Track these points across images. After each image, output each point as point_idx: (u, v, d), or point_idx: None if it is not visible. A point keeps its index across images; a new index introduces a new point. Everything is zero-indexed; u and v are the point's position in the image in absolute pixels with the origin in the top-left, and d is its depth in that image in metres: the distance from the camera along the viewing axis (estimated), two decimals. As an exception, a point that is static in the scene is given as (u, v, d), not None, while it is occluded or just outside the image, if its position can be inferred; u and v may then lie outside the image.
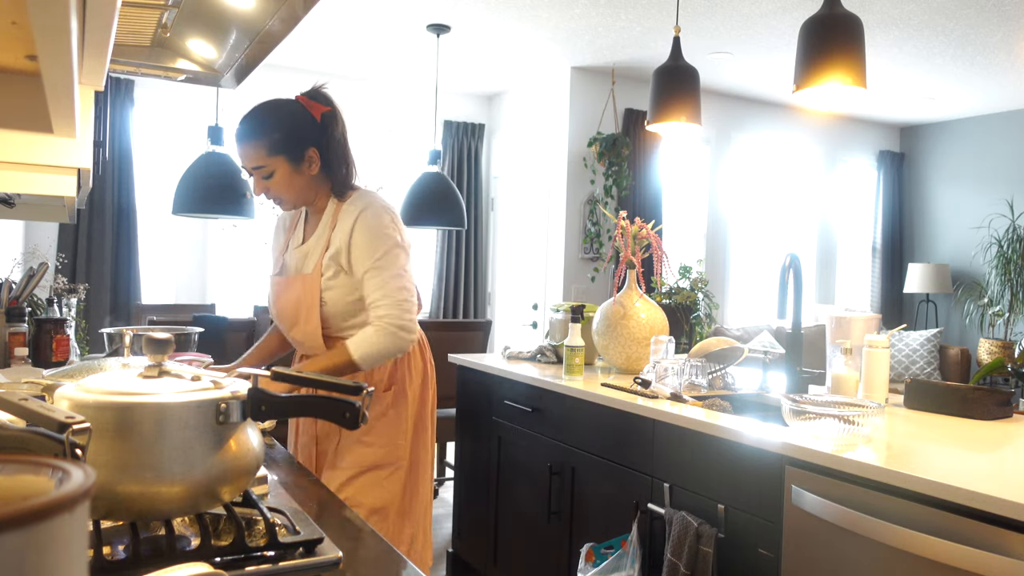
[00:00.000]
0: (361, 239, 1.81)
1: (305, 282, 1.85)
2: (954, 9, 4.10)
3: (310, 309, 1.84)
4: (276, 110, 1.80)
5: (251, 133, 1.78)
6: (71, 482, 0.42)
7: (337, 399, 0.98)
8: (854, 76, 2.23)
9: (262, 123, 1.78)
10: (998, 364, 2.63)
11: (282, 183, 1.80)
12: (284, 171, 1.79)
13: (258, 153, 1.76)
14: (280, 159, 1.78)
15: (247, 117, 1.80)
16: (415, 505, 1.95)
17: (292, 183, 1.81)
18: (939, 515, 1.41)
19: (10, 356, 2.22)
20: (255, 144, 1.76)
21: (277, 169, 1.78)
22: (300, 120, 1.80)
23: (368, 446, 1.87)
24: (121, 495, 0.85)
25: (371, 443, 1.87)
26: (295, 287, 1.87)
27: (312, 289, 1.83)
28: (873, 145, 7.05)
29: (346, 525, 1.15)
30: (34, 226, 4.68)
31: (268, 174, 1.78)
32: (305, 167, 1.81)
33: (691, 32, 4.50)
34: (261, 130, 1.77)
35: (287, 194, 1.83)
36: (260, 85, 5.22)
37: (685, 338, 3.14)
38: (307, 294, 1.84)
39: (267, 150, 1.76)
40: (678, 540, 1.94)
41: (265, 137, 1.76)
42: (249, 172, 1.81)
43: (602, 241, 5.37)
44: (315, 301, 1.83)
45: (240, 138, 1.79)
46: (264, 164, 1.77)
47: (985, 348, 5.90)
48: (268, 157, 1.76)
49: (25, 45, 0.91)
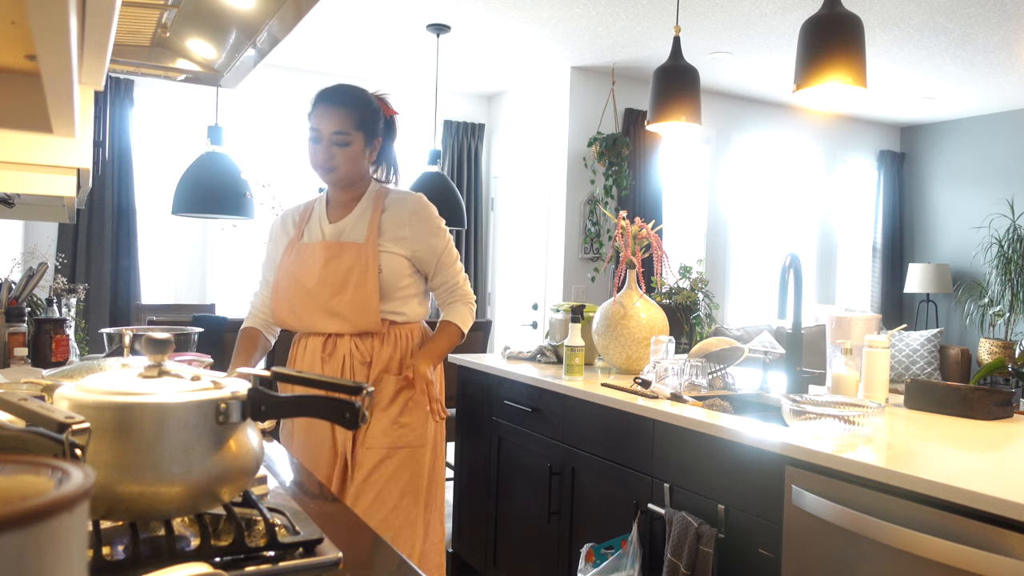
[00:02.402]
0: (426, 228, 1.96)
1: (360, 249, 1.89)
2: (954, 9, 4.10)
3: (365, 274, 1.87)
4: (366, 94, 1.96)
5: (348, 101, 1.89)
6: (71, 482, 0.42)
7: (337, 399, 0.98)
8: (854, 76, 2.23)
9: (357, 97, 1.92)
10: (998, 364, 2.63)
11: (351, 156, 1.89)
12: (358, 147, 1.90)
13: (347, 120, 1.87)
14: (360, 135, 1.90)
15: (343, 87, 1.93)
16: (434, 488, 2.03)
17: (357, 160, 1.91)
18: (939, 515, 1.41)
19: (10, 356, 2.22)
20: (347, 111, 1.87)
21: (354, 142, 1.89)
22: (379, 113, 1.98)
23: (403, 427, 1.93)
24: (121, 495, 0.85)
25: (406, 423, 1.94)
26: (348, 253, 1.89)
27: (370, 254, 1.88)
28: (873, 145, 7.05)
29: (346, 525, 1.15)
30: (34, 226, 4.68)
31: (345, 143, 1.88)
32: (370, 151, 1.95)
33: (691, 32, 4.50)
34: (356, 102, 1.90)
35: (348, 167, 1.90)
36: (260, 85, 5.22)
37: (685, 338, 3.14)
38: (361, 259, 1.88)
39: (354, 122, 1.88)
40: (678, 540, 1.94)
41: (358, 110, 1.89)
42: (318, 137, 1.88)
43: (602, 241, 5.37)
44: (372, 266, 1.87)
45: (333, 100, 1.88)
46: (347, 132, 1.87)
47: (985, 348, 5.90)
48: (353, 128, 1.88)
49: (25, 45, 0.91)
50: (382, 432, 1.92)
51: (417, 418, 1.96)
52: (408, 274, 1.95)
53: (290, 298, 1.94)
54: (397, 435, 1.93)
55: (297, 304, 1.93)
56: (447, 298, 2.04)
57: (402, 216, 1.95)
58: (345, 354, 1.92)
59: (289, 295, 1.94)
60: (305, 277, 1.91)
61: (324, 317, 1.91)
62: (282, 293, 1.95)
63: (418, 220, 1.96)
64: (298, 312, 1.94)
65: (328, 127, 1.87)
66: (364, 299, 1.87)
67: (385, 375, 1.94)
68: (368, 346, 1.93)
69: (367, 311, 1.88)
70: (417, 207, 1.97)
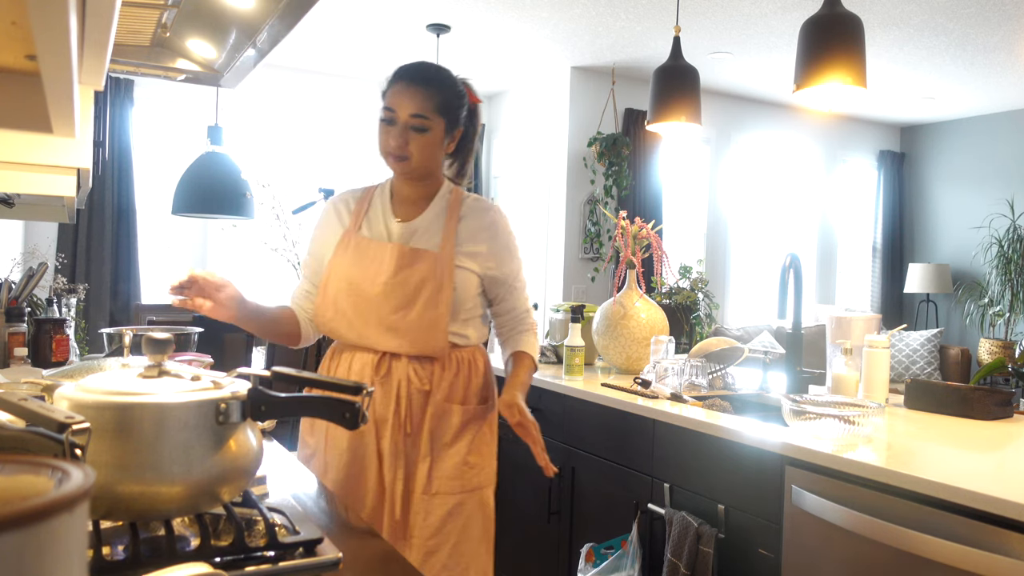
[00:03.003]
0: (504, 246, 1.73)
1: (436, 260, 1.63)
2: (954, 9, 4.10)
3: (439, 290, 1.61)
4: (453, 77, 1.70)
5: (431, 81, 1.63)
6: (71, 482, 0.42)
7: (337, 399, 0.98)
8: (854, 76, 2.23)
9: (442, 79, 1.66)
10: (998, 364, 2.63)
11: (428, 145, 1.63)
12: (437, 135, 1.64)
13: (428, 104, 1.61)
14: (440, 121, 1.64)
15: (426, 64, 1.68)
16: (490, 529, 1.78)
17: (434, 150, 1.65)
18: (939, 515, 1.41)
19: (10, 356, 2.22)
20: (430, 94, 1.61)
21: (433, 129, 1.62)
22: (464, 99, 1.71)
23: (472, 467, 1.68)
24: (121, 495, 0.85)
25: (475, 463, 1.69)
26: (423, 263, 1.63)
27: (446, 268, 1.63)
28: (873, 145, 7.05)
29: (346, 525, 1.15)
30: (34, 226, 4.68)
31: (423, 128, 1.61)
32: (448, 142, 1.69)
33: (691, 32, 4.50)
34: (440, 83, 1.64)
35: (423, 157, 1.64)
36: (260, 85, 5.22)
37: (685, 338, 3.14)
38: (437, 273, 1.62)
39: (436, 106, 1.62)
40: (678, 540, 1.94)
41: (441, 93, 1.63)
42: (392, 119, 1.61)
43: (602, 241, 5.37)
44: (448, 282, 1.62)
45: (415, 79, 1.62)
46: (427, 116, 1.61)
47: (985, 348, 5.90)
48: (433, 112, 1.62)
49: (25, 45, 0.91)
50: (451, 475, 1.64)
51: (485, 456, 1.72)
52: (476, 294, 1.70)
53: (342, 302, 1.65)
54: (467, 477, 1.66)
55: (350, 311, 1.65)
56: (515, 327, 1.79)
57: (480, 228, 1.70)
58: (401, 379, 1.63)
59: (341, 299, 1.65)
60: (366, 282, 1.63)
61: (380, 332, 1.62)
62: (333, 295, 1.66)
63: (497, 235, 1.72)
64: (350, 320, 1.65)
65: (405, 109, 1.60)
66: (434, 319, 1.61)
67: (448, 405, 1.66)
68: (428, 371, 1.65)
69: (435, 333, 1.62)
70: (497, 220, 1.74)
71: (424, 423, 1.64)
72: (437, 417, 1.64)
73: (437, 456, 1.64)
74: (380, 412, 1.62)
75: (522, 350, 1.76)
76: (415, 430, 1.64)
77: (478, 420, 1.70)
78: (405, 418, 1.63)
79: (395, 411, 1.62)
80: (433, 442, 1.64)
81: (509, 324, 1.79)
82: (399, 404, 1.62)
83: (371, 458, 1.62)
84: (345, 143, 5.55)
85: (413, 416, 1.63)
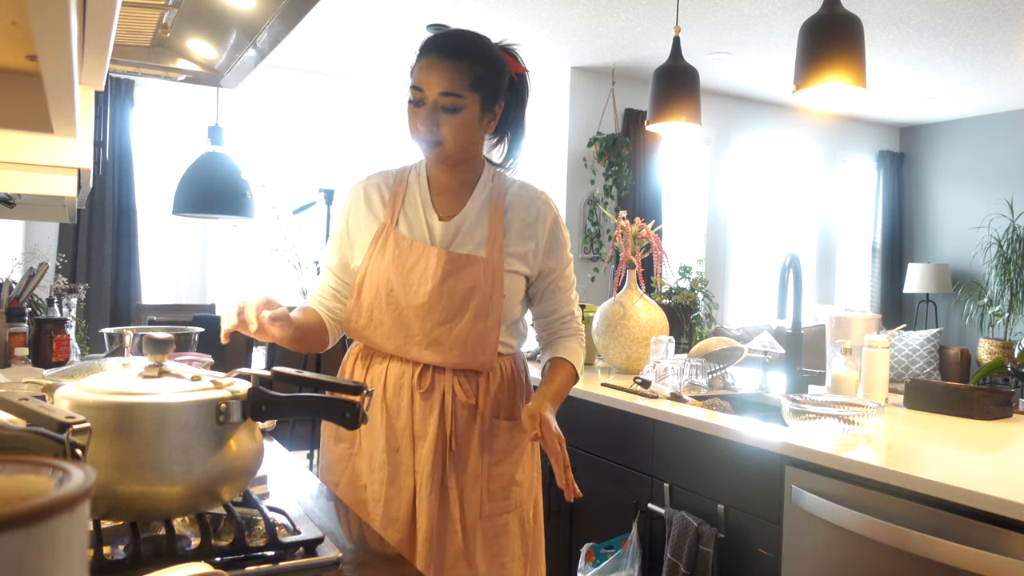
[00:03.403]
0: (555, 242, 1.55)
1: (485, 266, 1.46)
2: (954, 9, 4.10)
3: (488, 300, 1.45)
4: (489, 45, 1.48)
5: (463, 53, 1.41)
6: (71, 482, 0.42)
7: (337, 399, 0.98)
8: (854, 76, 2.23)
9: (477, 48, 1.44)
10: (998, 364, 2.63)
11: (462, 126, 1.42)
12: (472, 114, 1.42)
13: (460, 79, 1.39)
14: (475, 98, 1.42)
15: (458, 35, 1.46)
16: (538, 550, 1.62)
17: (470, 131, 1.44)
18: (939, 515, 1.41)
19: (10, 356, 2.22)
20: (462, 68, 1.40)
21: (467, 107, 1.41)
22: (503, 69, 1.48)
23: (519, 485, 1.54)
24: (121, 495, 0.86)
25: (521, 481, 1.54)
26: (472, 269, 1.45)
27: (496, 274, 1.46)
28: (873, 145, 7.05)
29: (346, 525, 1.15)
30: (34, 226, 4.68)
31: (456, 107, 1.40)
32: (486, 121, 1.48)
33: (691, 32, 4.50)
34: (474, 54, 1.42)
35: (457, 140, 1.43)
36: (260, 85, 5.22)
37: (685, 338, 3.14)
38: (487, 281, 1.45)
39: (470, 80, 1.40)
40: (678, 540, 1.94)
41: (475, 65, 1.41)
42: (420, 100, 1.42)
43: (602, 241, 5.37)
44: (498, 290, 1.45)
45: (444, 52, 1.41)
46: (459, 94, 1.40)
47: (985, 348, 5.90)
48: (467, 89, 1.40)
49: (25, 45, 0.91)
50: (501, 495, 1.52)
51: (528, 471, 1.57)
52: (523, 299, 1.55)
53: (380, 311, 1.47)
54: (515, 496, 1.54)
55: (388, 321, 1.47)
56: (558, 330, 1.60)
57: (527, 223, 1.52)
58: (445, 390, 1.47)
59: (378, 307, 1.47)
60: (409, 291, 1.45)
61: (422, 346, 1.46)
62: (369, 301, 1.48)
63: (548, 229, 1.53)
64: (388, 331, 1.47)
65: (434, 86, 1.39)
66: (483, 332, 1.45)
67: (497, 422, 1.51)
68: (473, 385, 1.49)
69: (485, 347, 1.46)
70: (546, 211, 1.54)
71: (472, 441, 1.49)
72: (486, 434, 1.50)
73: (488, 476, 1.50)
74: (419, 429, 1.47)
75: (562, 356, 1.56)
76: (461, 448, 1.48)
77: (522, 435, 1.54)
78: (451, 435, 1.47)
79: (439, 426, 1.46)
80: (483, 461, 1.50)
81: (551, 327, 1.61)
82: (443, 419, 1.47)
83: (406, 477, 1.47)
84: (345, 143, 5.55)
85: (459, 433, 1.48)
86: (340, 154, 5.54)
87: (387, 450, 1.48)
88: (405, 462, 1.47)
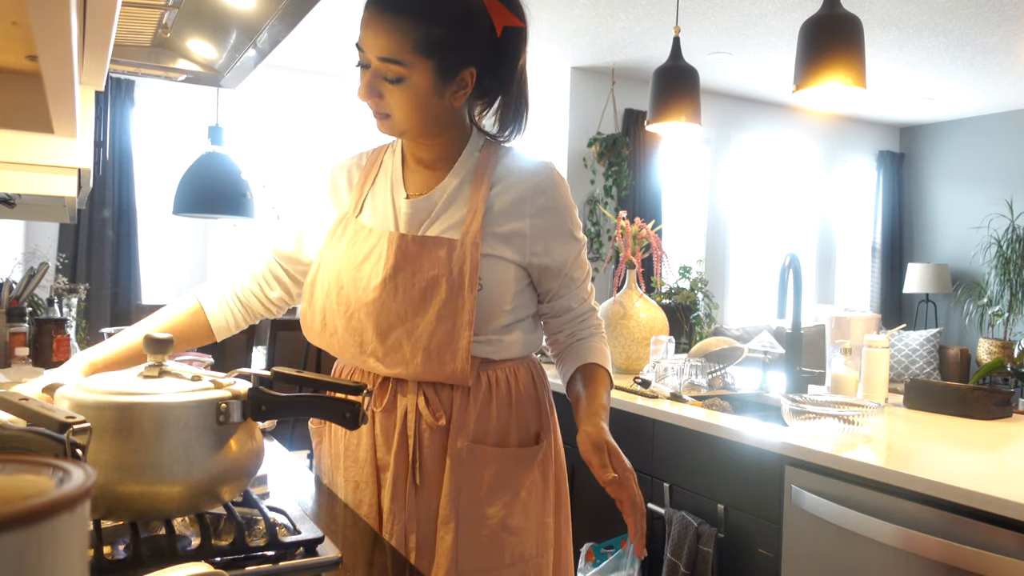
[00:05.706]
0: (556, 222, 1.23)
1: (455, 249, 1.16)
2: (954, 9, 4.10)
3: (458, 292, 1.14)
4: None
5: (406, 7, 1.09)
6: (71, 482, 0.42)
7: (337, 399, 0.98)
8: (854, 76, 2.24)
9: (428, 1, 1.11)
10: (998, 364, 2.63)
11: (409, 99, 1.13)
12: (422, 84, 1.12)
13: (400, 41, 1.09)
14: (426, 65, 1.10)
15: None
16: None
17: (422, 104, 1.14)
18: (939, 515, 1.41)
19: (10, 356, 2.22)
20: (404, 27, 1.09)
21: (413, 76, 1.11)
22: (474, 25, 1.14)
23: (514, 533, 1.20)
24: (121, 495, 0.86)
25: (518, 528, 1.21)
26: (435, 255, 1.16)
27: (468, 260, 1.15)
28: (873, 145, 7.05)
29: (346, 525, 1.15)
30: (34, 226, 4.68)
31: (397, 77, 1.11)
32: (450, 91, 1.15)
33: (691, 32, 4.51)
34: (422, 10, 1.09)
35: (407, 114, 1.15)
36: (260, 85, 5.22)
37: (685, 338, 3.14)
38: (455, 269, 1.15)
39: (414, 44, 1.09)
40: (678, 540, 1.94)
41: (423, 24, 1.09)
42: (364, 62, 1.13)
43: (602, 241, 5.37)
44: (471, 280, 1.14)
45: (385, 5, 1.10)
46: (400, 60, 1.09)
47: (985, 348, 5.90)
48: (411, 53, 1.09)
49: (25, 45, 0.91)
50: (487, 545, 1.18)
51: (532, 516, 1.24)
52: (516, 291, 1.22)
53: (332, 313, 1.21)
54: (509, 548, 1.20)
55: (341, 325, 1.20)
56: (577, 331, 1.32)
57: (520, 198, 1.20)
58: (409, 408, 1.19)
59: (331, 309, 1.21)
60: (359, 286, 1.18)
61: (377, 356, 1.18)
62: (321, 303, 1.23)
63: (546, 206, 1.22)
64: (341, 339, 1.21)
65: (375, 51, 1.10)
66: (451, 335, 1.14)
67: (477, 448, 1.19)
68: (447, 399, 1.19)
69: (452, 353, 1.14)
70: (545, 185, 1.22)
71: (443, 473, 1.18)
72: (460, 464, 1.18)
73: (464, 520, 1.17)
74: (382, 458, 1.20)
75: (594, 362, 1.28)
76: (427, 482, 1.18)
77: (524, 467, 1.23)
78: (413, 464, 1.18)
79: (398, 455, 1.18)
80: (457, 500, 1.17)
81: (569, 327, 1.32)
82: (405, 445, 1.19)
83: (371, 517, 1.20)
84: (345, 143, 5.55)
85: (424, 463, 1.18)
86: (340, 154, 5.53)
87: (346, 485, 1.24)
88: (366, 501, 1.21)
